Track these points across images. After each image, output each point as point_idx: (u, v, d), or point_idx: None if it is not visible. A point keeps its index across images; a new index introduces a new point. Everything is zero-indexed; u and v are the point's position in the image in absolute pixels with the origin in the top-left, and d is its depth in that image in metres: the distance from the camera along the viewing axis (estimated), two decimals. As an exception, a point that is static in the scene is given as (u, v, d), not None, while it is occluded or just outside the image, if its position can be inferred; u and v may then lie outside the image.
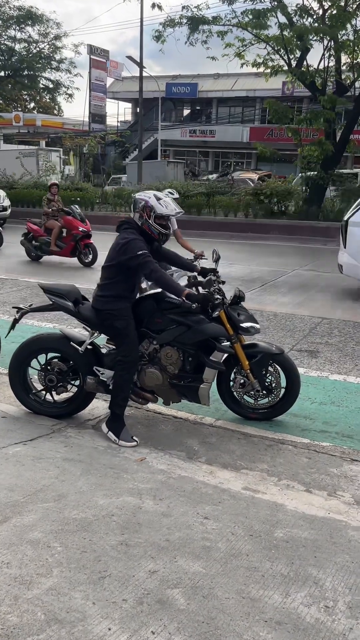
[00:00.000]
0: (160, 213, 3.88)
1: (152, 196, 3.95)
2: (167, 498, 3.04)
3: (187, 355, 4.00)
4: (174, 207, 3.99)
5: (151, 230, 3.91)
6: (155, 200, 3.90)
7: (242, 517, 2.88)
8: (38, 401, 4.24)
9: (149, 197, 3.94)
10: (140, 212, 3.91)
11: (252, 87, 37.54)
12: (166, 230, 3.96)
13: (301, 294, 8.66)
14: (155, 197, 3.93)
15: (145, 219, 3.89)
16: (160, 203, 3.89)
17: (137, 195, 4.05)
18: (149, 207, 3.88)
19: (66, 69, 28.61)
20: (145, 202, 3.90)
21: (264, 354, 4.06)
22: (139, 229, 3.93)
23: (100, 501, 2.94)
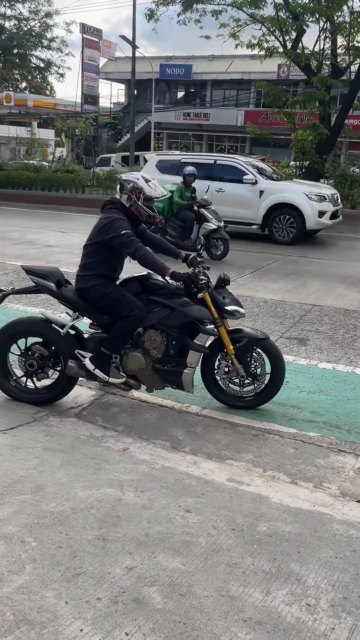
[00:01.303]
0: (150, 195, 3.79)
1: (140, 177, 3.84)
2: (149, 490, 2.95)
3: (170, 339, 3.91)
4: (162, 190, 3.89)
5: (139, 212, 3.81)
6: (144, 182, 3.80)
7: (225, 510, 2.80)
8: (19, 388, 4.13)
9: (137, 178, 3.84)
10: (128, 194, 3.79)
11: (247, 70, 37.03)
12: (154, 212, 3.85)
13: (293, 281, 8.55)
14: (143, 179, 3.82)
15: (135, 201, 3.79)
16: (149, 185, 3.80)
17: (124, 176, 3.94)
18: (138, 188, 3.78)
19: (57, 48, 28.09)
20: (135, 184, 3.79)
21: (248, 338, 3.98)
22: (123, 209, 3.81)
23: (80, 493, 2.85)
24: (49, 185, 18.27)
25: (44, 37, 28.43)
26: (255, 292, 7.48)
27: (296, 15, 14.23)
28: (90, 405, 4.19)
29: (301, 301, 7.28)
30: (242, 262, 9.79)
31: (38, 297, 6.54)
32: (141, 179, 3.83)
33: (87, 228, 11.65)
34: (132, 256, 3.70)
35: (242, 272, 8.95)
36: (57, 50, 27.91)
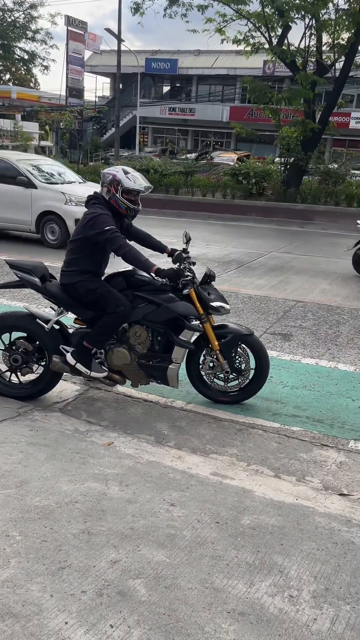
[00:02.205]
0: (128, 187, 3.77)
1: (120, 170, 3.83)
2: (134, 484, 2.96)
3: (156, 335, 3.92)
4: (143, 182, 3.86)
5: (119, 205, 3.79)
6: (123, 174, 3.79)
7: (209, 504, 2.82)
8: (3, 382, 4.11)
9: (116, 171, 3.83)
10: (107, 187, 3.79)
11: (233, 65, 37.05)
12: (134, 205, 3.83)
13: (277, 277, 8.61)
14: (123, 171, 3.81)
15: (113, 194, 3.77)
16: (128, 177, 3.79)
17: (105, 170, 3.93)
18: (117, 181, 3.77)
19: (42, 40, 27.77)
20: (113, 176, 3.78)
21: (233, 334, 4.00)
22: (107, 204, 3.80)
23: (64, 487, 2.85)
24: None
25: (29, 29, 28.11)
26: (239, 288, 7.52)
27: (282, 11, 14.26)
28: (75, 400, 4.19)
29: (285, 297, 7.34)
30: (227, 258, 9.83)
31: (22, 291, 6.50)
32: (120, 171, 3.82)
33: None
34: (116, 252, 3.69)
35: (226, 267, 8.99)
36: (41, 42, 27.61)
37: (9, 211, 10.24)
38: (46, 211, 9.98)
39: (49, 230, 10.12)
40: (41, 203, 9.98)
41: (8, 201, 10.16)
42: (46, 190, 10.05)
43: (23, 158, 11.02)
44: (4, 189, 10.21)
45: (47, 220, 10.06)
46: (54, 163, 11.95)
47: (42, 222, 10.09)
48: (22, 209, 10.12)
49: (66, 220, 9.82)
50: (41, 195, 10.01)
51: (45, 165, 11.11)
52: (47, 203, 9.93)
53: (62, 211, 9.86)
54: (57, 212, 9.89)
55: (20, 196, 10.14)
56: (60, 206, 9.85)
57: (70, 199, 9.84)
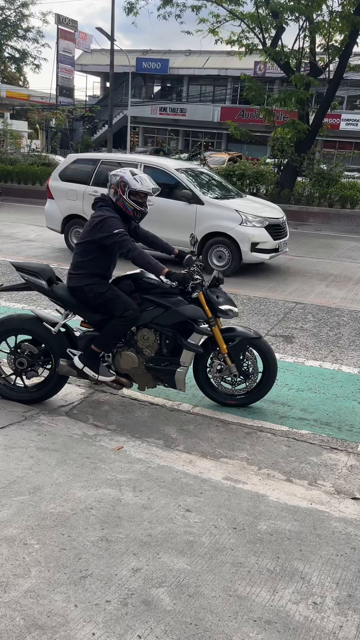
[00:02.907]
0: (135, 189, 3.74)
1: (127, 172, 3.80)
2: (147, 489, 2.94)
3: (164, 338, 3.90)
4: (150, 183, 3.83)
5: (125, 207, 3.77)
6: (130, 176, 3.76)
7: (224, 509, 2.80)
8: (8, 386, 4.07)
9: (124, 172, 3.80)
10: (115, 188, 3.75)
11: (224, 66, 37.10)
12: (142, 207, 3.80)
13: (274, 278, 8.62)
14: (130, 173, 3.78)
15: (120, 195, 3.74)
16: (135, 178, 3.76)
17: (112, 172, 3.90)
18: (124, 182, 3.73)
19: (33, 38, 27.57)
20: (121, 178, 3.75)
21: (242, 338, 3.99)
22: (114, 206, 3.77)
23: (78, 493, 2.82)
24: (25, 178, 17.97)
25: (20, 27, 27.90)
26: (238, 289, 7.51)
27: (276, 13, 14.27)
28: (81, 403, 4.15)
29: (284, 299, 7.34)
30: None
31: (19, 293, 6.43)
32: (128, 172, 3.79)
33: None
34: (125, 256, 3.65)
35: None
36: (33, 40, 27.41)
37: (165, 230, 7.99)
38: (213, 232, 8.34)
39: (215, 255, 8.45)
40: (209, 223, 8.31)
41: (165, 219, 8.28)
42: (215, 207, 8.36)
43: (181, 166, 9.20)
44: (163, 204, 8.33)
45: (213, 242, 8.38)
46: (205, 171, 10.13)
47: (207, 245, 8.42)
48: (182, 228, 8.11)
49: (241, 244, 8.16)
50: (209, 213, 8.32)
51: (202, 174, 9.43)
52: (217, 223, 8.27)
53: (237, 233, 8.16)
54: (229, 234, 8.22)
55: (182, 213, 8.41)
56: (234, 227, 8.20)
57: (246, 219, 8.23)
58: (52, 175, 9.79)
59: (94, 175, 9.10)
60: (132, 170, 3.84)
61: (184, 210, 8.43)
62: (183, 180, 8.54)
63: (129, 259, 3.65)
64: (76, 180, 9.28)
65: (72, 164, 9.52)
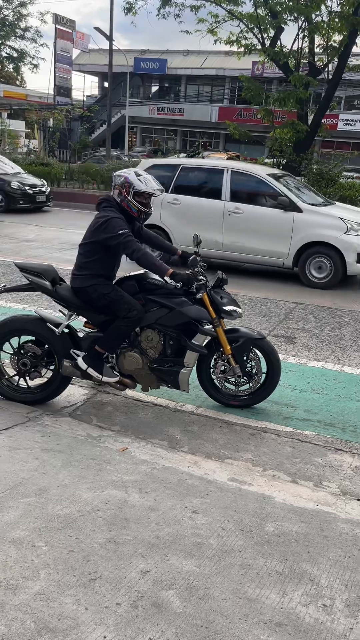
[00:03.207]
0: (139, 189, 3.74)
1: (132, 172, 3.80)
2: (153, 491, 2.93)
3: (168, 339, 3.89)
4: (155, 184, 3.83)
5: (130, 207, 3.76)
6: (135, 177, 3.75)
7: (231, 511, 2.80)
8: (11, 387, 4.06)
9: (128, 173, 3.79)
10: (119, 189, 3.75)
11: (222, 66, 37.15)
12: (146, 208, 3.80)
13: (274, 278, 8.62)
14: (135, 174, 3.78)
15: (124, 196, 3.73)
16: (139, 179, 3.75)
17: (116, 172, 3.89)
18: (128, 183, 3.73)
19: (31, 38, 27.50)
20: (125, 179, 3.74)
21: (246, 338, 3.99)
22: (119, 207, 3.76)
23: (84, 495, 2.81)
24: (23, 178, 17.91)
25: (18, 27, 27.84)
26: (239, 290, 7.50)
27: (275, 13, 14.28)
28: (84, 404, 4.14)
29: (285, 299, 7.34)
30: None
31: (19, 293, 6.41)
32: (132, 173, 3.79)
33: (63, 222, 11.56)
34: (130, 257, 3.65)
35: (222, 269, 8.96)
36: (31, 40, 27.34)
37: (259, 240, 8.04)
38: (312, 242, 7.92)
39: (314, 266, 7.99)
40: (309, 231, 7.87)
41: (256, 228, 8.03)
42: (315, 215, 7.94)
43: (271, 172, 8.82)
44: (255, 212, 8.10)
45: (312, 253, 7.96)
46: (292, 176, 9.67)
47: (305, 255, 7.99)
48: (277, 237, 7.92)
49: (345, 254, 7.71)
50: (308, 221, 7.89)
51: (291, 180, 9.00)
52: (318, 231, 7.84)
53: (342, 243, 7.71)
54: (332, 244, 7.78)
55: (277, 221, 7.99)
56: (338, 236, 7.75)
57: (351, 227, 7.81)
58: None
59: (174, 182, 8.45)
60: (136, 171, 3.84)
61: (279, 219, 7.97)
62: (278, 187, 8.07)
63: (134, 260, 3.64)
64: None
65: (148, 169, 8.43)
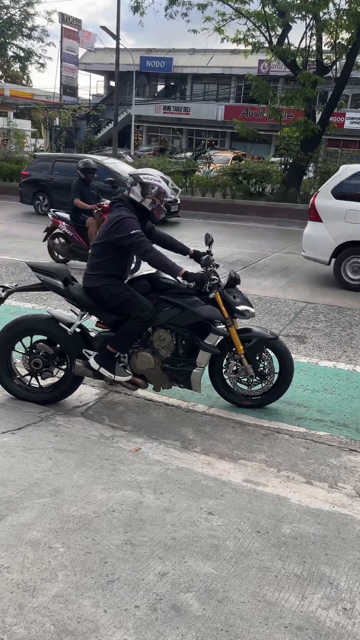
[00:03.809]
0: (169, 199, 3.97)
1: (161, 180, 3.83)
2: (168, 492, 2.91)
3: (180, 339, 3.87)
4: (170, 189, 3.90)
5: (159, 213, 3.85)
6: (165, 185, 3.84)
7: (247, 512, 2.78)
8: (23, 386, 4.05)
9: (158, 181, 3.79)
10: (152, 199, 3.75)
11: (228, 65, 37.04)
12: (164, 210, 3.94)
13: (284, 277, 8.59)
14: (164, 181, 3.86)
15: (158, 205, 3.81)
16: (167, 186, 3.86)
17: (144, 178, 3.74)
18: (163, 192, 3.79)
19: (38, 37, 27.44)
20: (159, 188, 3.78)
21: (258, 338, 3.96)
22: (133, 207, 3.75)
23: (99, 496, 2.79)
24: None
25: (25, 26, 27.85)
26: (247, 289, 7.46)
27: (282, 11, 14.24)
28: (96, 404, 4.13)
29: (294, 298, 7.31)
30: (231, 258, 9.79)
31: (30, 292, 6.40)
32: (162, 181, 3.82)
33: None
34: (142, 257, 3.64)
35: (232, 268, 8.92)
36: (38, 39, 27.29)
37: None
38: None
39: None
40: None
41: None
42: None
43: None
44: None
45: None
46: None
47: None
48: None
49: None
50: None
51: None
52: None
53: None
54: None
55: None
56: None
57: None
58: (319, 191, 8.12)
59: None
60: (163, 177, 3.87)
61: None
62: None
63: (146, 260, 3.63)
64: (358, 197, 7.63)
65: (351, 178, 7.73)
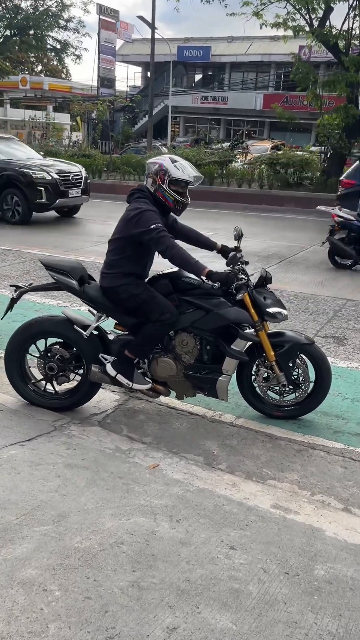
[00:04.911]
0: (175, 177, 3.36)
1: (166, 158, 3.43)
2: (185, 519, 2.59)
3: (204, 344, 3.53)
4: (192, 171, 3.45)
5: (165, 197, 3.39)
6: (170, 163, 3.38)
7: (274, 547, 2.43)
8: (37, 392, 3.79)
9: (163, 159, 3.42)
10: (153, 177, 3.38)
11: (267, 52, 36.15)
12: (182, 198, 3.42)
13: (322, 273, 8.11)
14: (170, 160, 3.41)
15: (159, 184, 3.37)
16: (175, 166, 3.37)
17: (150, 160, 3.52)
18: (163, 170, 3.36)
19: (74, 29, 27.24)
20: (159, 165, 3.38)
21: (292, 343, 3.58)
22: (152, 198, 3.41)
23: (108, 523, 2.50)
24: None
25: (61, 17, 27.72)
26: (283, 285, 7.06)
27: (324, -8, 13.59)
28: (114, 411, 3.84)
29: (334, 295, 6.85)
30: (267, 252, 9.35)
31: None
32: (167, 159, 3.42)
33: (104, 214, 11.30)
34: (162, 254, 3.29)
35: (267, 262, 8.52)
36: (74, 31, 27.10)
37: None
38: None
39: None
40: None
41: None
42: None
43: None
44: None
45: None
46: None
47: None
48: None
49: None
50: None
51: None
52: None
53: None
54: None
55: None
56: None
57: None
58: None
59: None
60: (172, 157, 3.46)
61: None
62: None
63: (167, 258, 3.29)
64: None
65: None
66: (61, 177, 11.07)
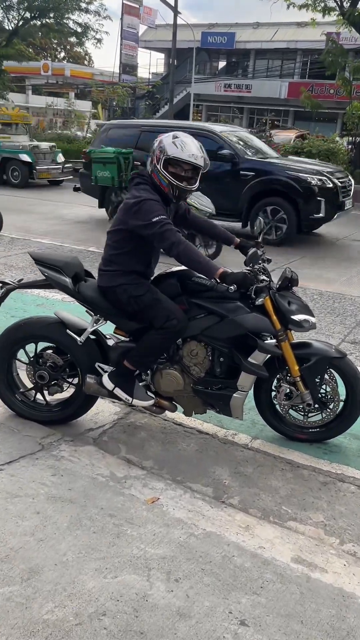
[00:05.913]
0: (171, 155, 2.76)
1: (169, 135, 2.84)
2: (186, 577, 2.11)
3: (217, 355, 3.02)
4: (196, 151, 2.79)
5: (160, 180, 2.83)
6: (170, 138, 2.79)
7: (295, 623, 1.93)
8: (26, 402, 3.33)
9: (165, 135, 2.85)
10: (151, 156, 2.85)
11: (294, 38, 35.10)
12: (181, 182, 2.82)
13: (349, 269, 7.52)
14: (172, 136, 2.82)
15: (154, 164, 2.82)
16: (174, 142, 2.77)
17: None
18: (161, 147, 2.80)
19: (95, 11, 26.56)
20: (159, 142, 2.83)
21: (320, 357, 3.05)
22: (152, 184, 2.87)
23: (90, 583, 2.02)
24: (82, 156, 17.42)
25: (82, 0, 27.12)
26: (306, 283, 6.49)
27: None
28: (113, 427, 3.36)
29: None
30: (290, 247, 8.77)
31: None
32: (169, 135, 2.82)
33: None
34: (167, 252, 2.76)
35: (290, 258, 7.94)
36: (95, 13, 26.42)
37: None
38: None
39: None
40: None
41: None
42: None
43: None
44: None
45: None
46: None
47: None
48: None
49: None
50: None
51: None
52: None
53: None
54: None
55: None
56: None
57: None
58: None
59: None
60: (175, 133, 2.85)
61: None
62: None
63: (172, 256, 2.75)
64: None
65: None
66: (342, 183, 8.62)
